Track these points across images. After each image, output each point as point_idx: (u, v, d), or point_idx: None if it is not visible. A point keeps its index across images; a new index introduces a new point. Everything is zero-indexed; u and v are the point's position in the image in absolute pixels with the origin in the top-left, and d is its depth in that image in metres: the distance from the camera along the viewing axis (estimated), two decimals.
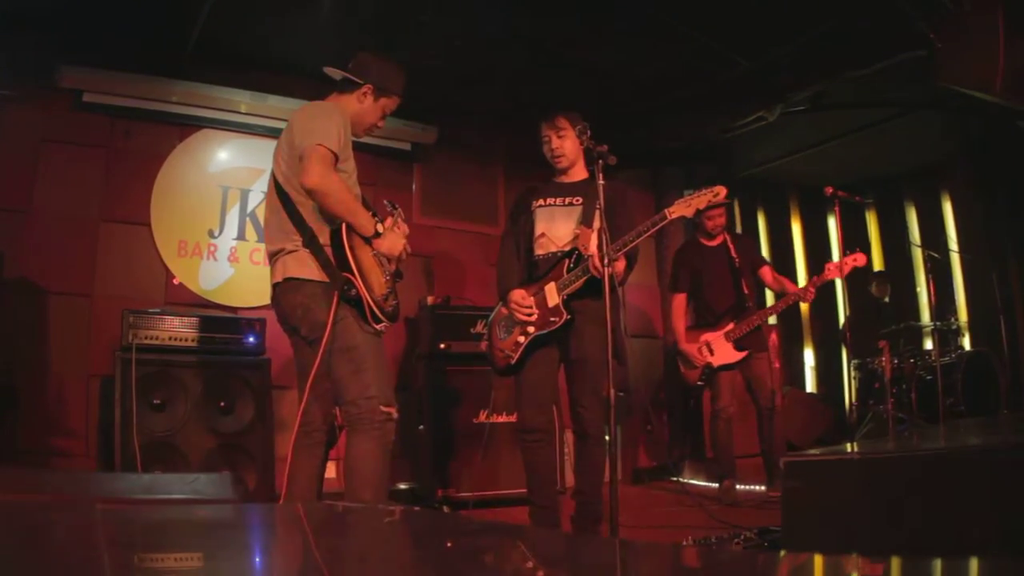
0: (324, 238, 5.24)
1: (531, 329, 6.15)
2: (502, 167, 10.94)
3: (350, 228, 5.21)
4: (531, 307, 6.12)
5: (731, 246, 8.83)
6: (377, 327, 5.29)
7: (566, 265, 6.17)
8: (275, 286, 5.38)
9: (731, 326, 8.60)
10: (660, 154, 11.70)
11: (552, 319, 6.09)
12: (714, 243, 8.91)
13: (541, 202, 6.46)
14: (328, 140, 5.11)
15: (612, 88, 9.71)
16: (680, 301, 8.89)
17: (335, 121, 5.25)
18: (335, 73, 5.70)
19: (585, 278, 5.99)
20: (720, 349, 8.58)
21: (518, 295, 6.18)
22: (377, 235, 5.32)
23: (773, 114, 9.75)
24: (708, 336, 8.64)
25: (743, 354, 8.56)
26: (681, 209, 5.96)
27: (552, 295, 6.12)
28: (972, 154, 11.77)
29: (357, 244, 5.22)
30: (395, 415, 5.25)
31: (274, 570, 1.59)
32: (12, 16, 7.72)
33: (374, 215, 5.41)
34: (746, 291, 8.82)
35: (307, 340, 5.36)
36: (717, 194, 6.00)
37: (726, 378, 8.67)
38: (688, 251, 8.96)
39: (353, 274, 5.13)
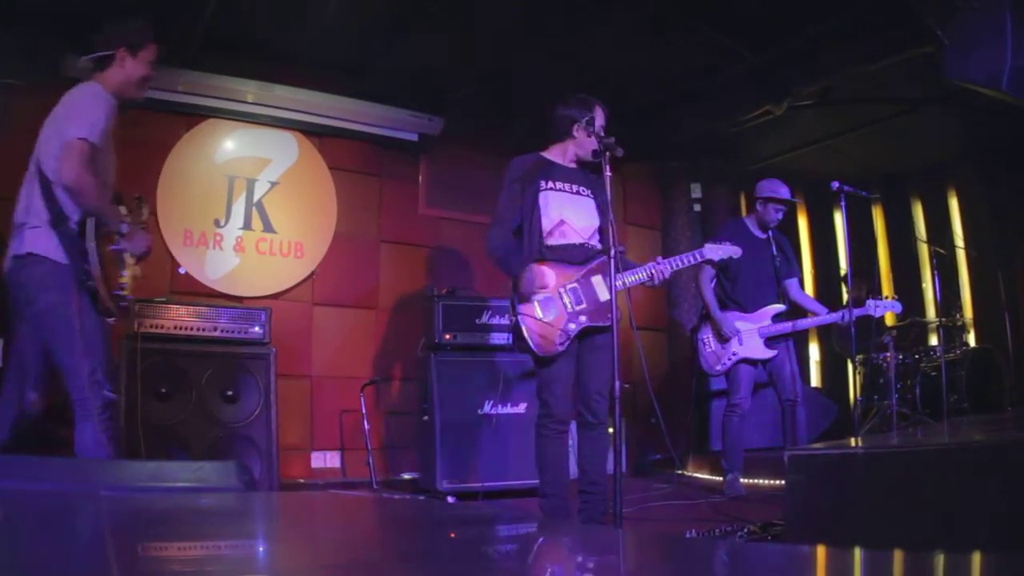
0: (72, 222, 5.23)
1: (584, 319, 6.11)
2: (508, 159, 10.86)
3: (98, 222, 5.24)
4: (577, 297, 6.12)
5: (774, 244, 8.77)
6: (108, 320, 5.32)
7: (609, 263, 6.16)
8: (15, 258, 5.30)
9: (767, 322, 8.55)
10: (667, 148, 11.69)
11: (608, 315, 5.95)
12: (762, 235, 8.85)
13: (551, 184, 6.37)
14: (91, 133, 5.17)
15: (619, 81, 9.70)
16: (710, 273, 8.70)
17: (101, 110, 5.30)
18: (87, 63, 5.69)
19: (640, 282, 6.17)
20: (750, 341, 8.50)
21: (540, 271, 6.07)
22: (122, 233, 5.35)
23: (780, 108, 9.74)
24: (740, 324, 8.55)
25: (772, 353, 8.49)
26: (712, 252, 6.71)
27: (603, 290, 6.13)
28: (979, 151, 11.77)
29: (101, 238, 5.25)
30: (116, 398, 5.33)
31: (281, 557, 1.60)
32: (19, 5, 7.72)
33: (125, 208, 5.44)
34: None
35: (39, 315, 5.29)
36: (738, 252, 6.89)
37: (746, 372, 8.58)
38: (735, 231, 8.67)
39: (90, 265, 5.16)
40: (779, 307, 8.57)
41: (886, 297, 8.71)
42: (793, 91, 9.56)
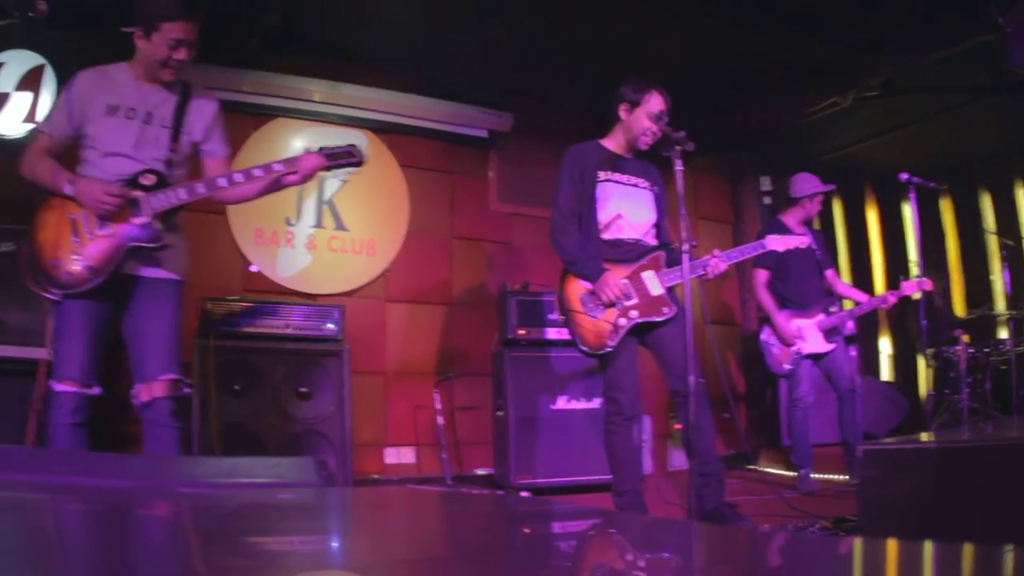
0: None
1: (634, 314, 6.09)
2: None
3: (51, 192, 5.11)
4: (630, 294, 6.11)
5: (811, 237, 8.77)
6: (48, 294, 5.04)
7: (663, 257, 6.26)
8: None
9: (822, 316, 8.58)
10: (735, 140, 11.66)
11: (664, 308, 6.11)
12: (800, 231, 8.78)
13: (609, 175, 6.34)
14: (45, 123, 5.34)
15: (685, 74, 9.66)
16: (764, 277, 8.77)
17: (61, 97, 5.30)
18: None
19: (697, 276, 6.05)
20: (811, 337, 8.52)
21: (616, 280, 6.09)
22: (66, 195, 5.06)
23: (847, 99, 9.71)
24: (799, 321, 8.58)
25: (832, 346, 8.52)
26: (775, 244, 6.65)
27: (654, 284, 6.15)
28: None
29: (55, 205, 5.10)
30: (77, 390, 5.01)
31: (358, 552, 1.63)
32: (87, 7, 7.80)
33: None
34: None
35: None
36: (805, 243, 7.02)
37: (807, 367, 8.63)
38: (777, 232, 8.73)
39: (26, 236, 5.13)
40: (832, 299, 8.62)
41: (915, 277, 8.72)
42: (859, 82, 9.52)
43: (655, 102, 6.28)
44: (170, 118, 5.35)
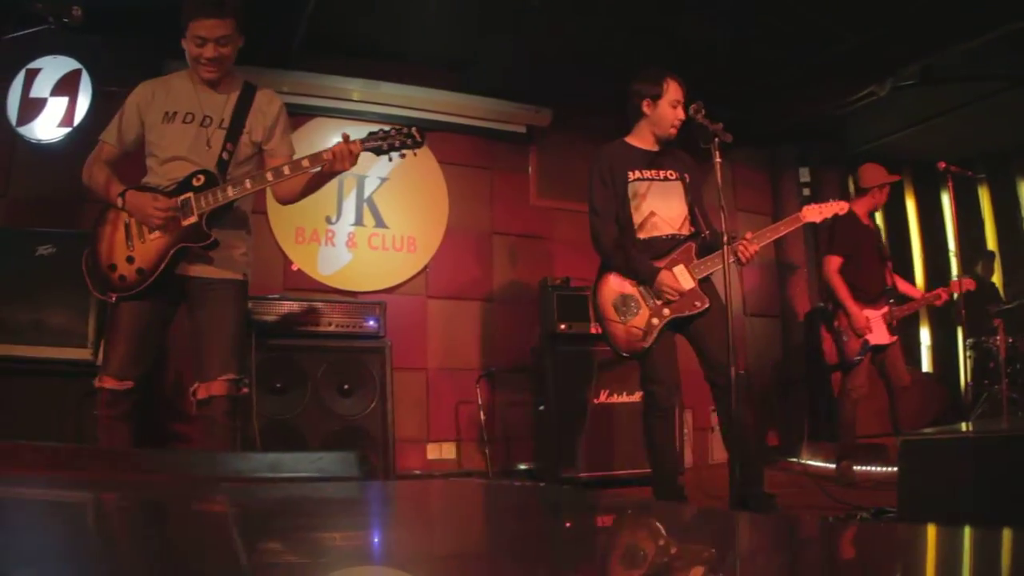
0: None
1: (667, 312, 6.12)
2: None
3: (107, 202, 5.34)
4: (681, 291, 6.12)
5: (875, 230, 8.76)
6: (104, 296, 5.25)
7: (693, 248, 6.24)
8: None
9: (887, 309, 8.56)
10: (774, 132, 11.63)
11: (696, 303, 6.12)
12: (867, 222, 8.83)
13: (638, 174, 6.36)
14: (105, 132, 5.49)
15: (723, 66, 9.65)
16: (837, 263, 8.61)
17: (119, 112, 5.49)
18: None
19: (731, 262, 5.90)
20: (878, 329, 8.47)
21: (670, 278, 6.12)
22: (119, 208, 5.29)
23: (884, 89, 9.67)
24: (868, 311, 8.51)
25: (894, 339, 8.52)
26: (812, 215, 6.50)
27: (686, 278, 6.15)
28: None
29: (114, 217, 5.32)
30: (112, 386, 5.13)
31: (412, 546, 1.64)
32: (122, 12, 7.83)
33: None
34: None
35: None
36: (843, 208, 6.68)
37: (866, 358, 8.60)
38: (850, 222, 8.58)
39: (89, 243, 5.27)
40: (893, 290, 8.59)
41: (958, 276, 8.73)
42: (896, 70, 9.49)
43: (674, 90, 6.38)
44: (228, 119, 5.46)
